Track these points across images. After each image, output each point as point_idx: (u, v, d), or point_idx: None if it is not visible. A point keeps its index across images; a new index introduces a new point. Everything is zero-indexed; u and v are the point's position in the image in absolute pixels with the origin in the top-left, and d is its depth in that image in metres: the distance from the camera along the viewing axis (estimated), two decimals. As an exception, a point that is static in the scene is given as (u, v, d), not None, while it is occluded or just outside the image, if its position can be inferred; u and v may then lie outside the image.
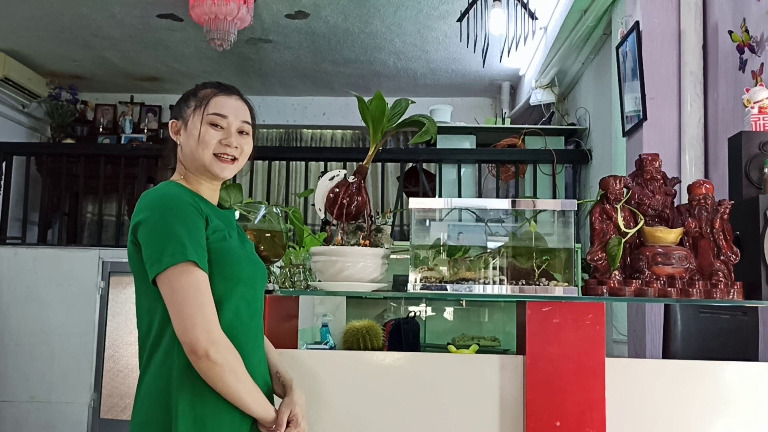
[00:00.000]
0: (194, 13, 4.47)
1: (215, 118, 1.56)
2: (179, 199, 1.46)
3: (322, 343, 3.37)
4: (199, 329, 1.36)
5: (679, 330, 2.42)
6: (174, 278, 1.38)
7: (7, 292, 5.06)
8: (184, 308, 1.37)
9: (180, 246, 1.39)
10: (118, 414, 4.97)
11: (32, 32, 5.68)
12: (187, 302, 1.37)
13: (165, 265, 1.38)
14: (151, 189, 1.51)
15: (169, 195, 1.47)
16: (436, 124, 1.95)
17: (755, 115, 2.15)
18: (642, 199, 1.84)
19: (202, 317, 1.37)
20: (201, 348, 1.36)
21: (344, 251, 1.78)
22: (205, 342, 1.36)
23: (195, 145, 1.55)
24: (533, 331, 1.73)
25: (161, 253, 1.39)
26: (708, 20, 3.29)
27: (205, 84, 1.63)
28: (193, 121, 1.57)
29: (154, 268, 1.40)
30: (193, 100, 1.59)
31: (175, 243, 1.39)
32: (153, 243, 1.41)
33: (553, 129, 5.55)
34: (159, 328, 1.45)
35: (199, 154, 1.55)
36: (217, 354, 1.37)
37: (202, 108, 1.57)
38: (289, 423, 1.49)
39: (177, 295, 1.38)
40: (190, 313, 1.37)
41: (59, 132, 6.86)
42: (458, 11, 4.35)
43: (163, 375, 1.43)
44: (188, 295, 1.38)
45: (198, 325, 1.36)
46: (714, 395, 1.77)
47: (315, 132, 7.53)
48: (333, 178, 1.89)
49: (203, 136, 1.55)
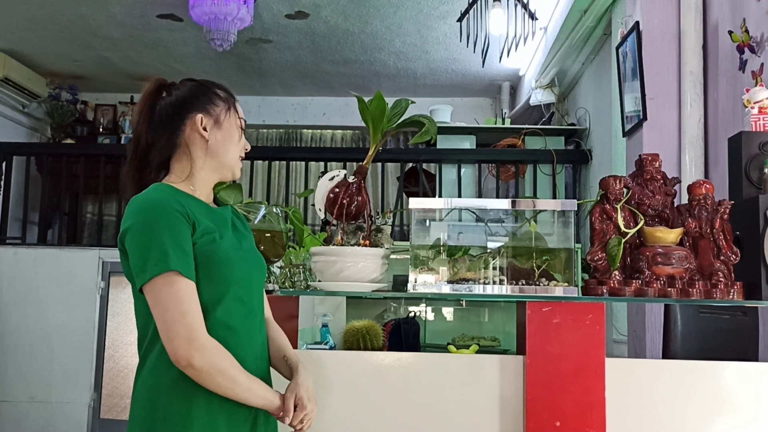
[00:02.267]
0: (194, 13, 4.47)
1: (242, 123, 1.62)
2: (165, 205, 1.44)
3: (322, 343, 3.36)
4: (179, 339, 1.36)
5: (679, 330, 2.41)
6: (156, 289, 1.38)
7: (7, 292, 5.06)
8: (165, 318, 1.38)
9: (163, 255, 1.38)
10: (118, 414, 4.98)
11: (32, 32, 5.68)
12: (168, 312, 1.37)
13: (149, 275, 1.38)
14: (140, 194, 1.48)
15: (155, 201, 1.45)
16: (436, 124, 1.95)
17: (755, 115, 2.15)
18: (642, 199, 1.84)
19: (183, 326, 1.37)
20: (183, 358, 1.36)
21: (344, 251, 1.78)
22: (185, 351, 1.36)
23: (229, 145, 1.58)
24: (533, 331, 1.73)
25: (145, 262, 1.39)
26: (708, 20, 3.29)
27: (216, 84, 1.63)
28: (229, 121, 1.58)
29: (139, 278, 1.40)
30: (218, 99, 1.59)
31: (158, 252, 1.39)
32: (137, 252, 1.41)
33: (553, 129, 5.55)
34: (153, 331, 1.45)
35: (231, 154, 1.58)
36: (201, 361, 1.37)
37: (234, 111, 1.60)
38: (295, 407, 1.48)
39: (159, 305, 1.39)
40: (171, 323, 1.37)
41: (59, 132, 6.86)
42: (458, 11, 4.35)
43: (156, 377, 1.43)
44: (170, 306, 1.38)
45: (178, 335, 1.36)
46: (714, 395, 1.77)
47: (315, 132, 7.52)
48: (333, 178, 1.89)
49: (236, 138, 1.60)
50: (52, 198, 6.30)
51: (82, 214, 6.79)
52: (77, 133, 7.00)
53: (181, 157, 1.56)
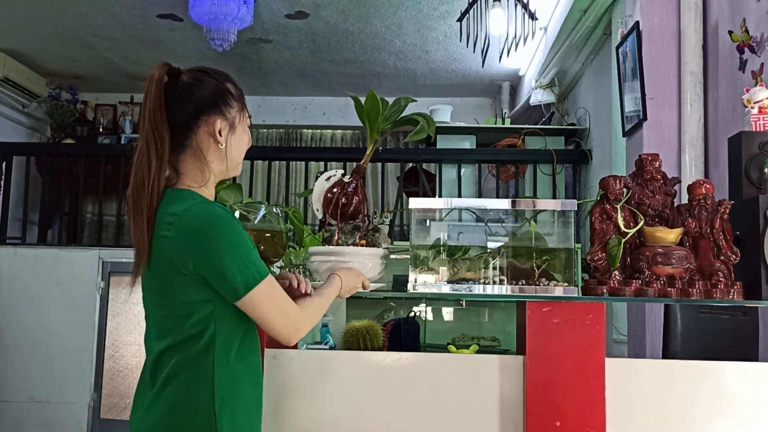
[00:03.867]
0: (194, 13, 4.47)
1: (249, 121, 1.59)
2: (230, 218, 1.44)
3: (322, 343, 3.36)
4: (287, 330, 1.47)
5: (679, 330, 2.41)
6: (260, 295, 1.43)
7: (7, 292, 5.06)
8: (275, 313, 1.45)
9: (254, 266, 1.43)
10: (118, 414, 4.97)
11: (32, 32, 5.68)
12: (277, 307, 1.46)
13: (252, 287, 1.42)
14: (190, 207, 1.43)
15: (218, 214, 1.43)
16: (434, 122, 1.94)
17: (755, 115, 2.14)
18: (642, 199, 1.84)
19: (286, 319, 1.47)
20: (293, 341, 1.48)
21: (340, 251, 1.78)
22: (296, 336, 1.48)
23: (239, 149, 1.55)
24: (533, 331, 1.73)
25: (245, 277, 1.41)
26: (708, 20, 3.29)
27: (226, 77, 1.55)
28: (242, 124, 1.55)
29: (238, 291, 1.41)
30: (233, 100, 1.53)
31: (250, 265, 1.42)
32: (229, 269, 1.40)
33: (553, 129, 5.55)
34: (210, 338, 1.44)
35: (237, 158, 1.56)
36: (305, 332, 1.50)
37: (244, 111, 1.56)
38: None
39: (265, 306, 1.44)
40: (280, 313, 1.46)
41: (59, 132, 6.86)
42: (458, 11, 4.35)
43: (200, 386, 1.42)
44: (276, 301, 1.46)
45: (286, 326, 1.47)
46: (714, 395, 1.77)
47: (315, 132, 7.52)
48: (330, 178, 1.88)
49: (247, 140, 1.58)
50: (52, 198, 6.30)
51: (82, 214, 6.79)
52: (77, 133, 7.00)
53: (189, 158, 1.50)
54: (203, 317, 1.43)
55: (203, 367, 1.42)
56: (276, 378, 1.76)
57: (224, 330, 1.44)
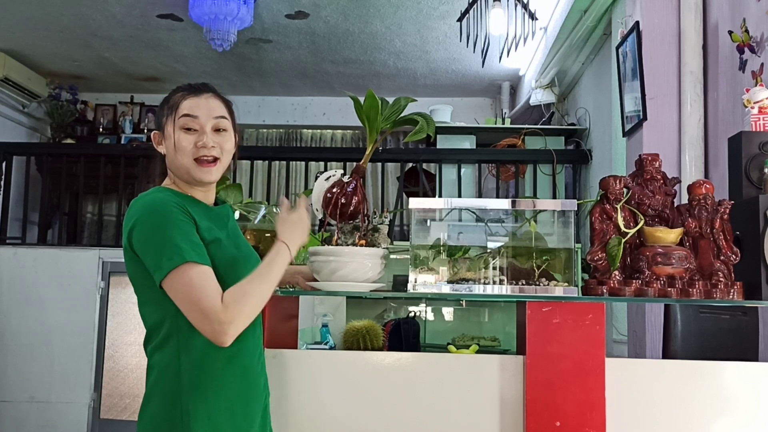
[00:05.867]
0: (194, 13, 4.47)
1: (186, 120, 1.55)
2: (167, 203, 1.47)
3: (322, 343, 3.37)
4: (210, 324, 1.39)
5: (679, 330, 2.41)
6: (176, 280, 1.40)
7: (7, 292, 5.06)
8: (190, 306, 1.39)
9: (176, 248, 1.41)
10: (118, 414, 4.97)
11: (32, 32, 5.68)
12: (191, 298, 1.39)
13: (166, 270, 1.40)
14: (140, 195, 1.52)
15: (156, 200, 1.48)
16: (434, 122, 1.94)
17: (755, 115, 2.14)
18: (642, 199, 1.84)
19: (211, 310, 1.38)
20: (220, 340, 1.39)
21: (339, 251, 1.78)
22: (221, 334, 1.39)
23: (174, 154, 1.55)
24: (533, 331, 1.73)
25: (160, 258, 1.41)
26: (708, 20, 3.29)
27: (177, 88, 1.61)
28: (168, 130, 1.56)
29: (157, 274, 1.42)
30: (165, 108, 1.59)
31: (171, 247, 1.41)
32: (151, 250, 1.43)
33: (553, 129, 5.54)
34: (169, 328, 1.47)
35: (179, 162, 1.55)
36: (236, 329, 1.40)
37: (173, 114, 1.56)
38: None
39: (181, 295, 1.40)
40: (195, 307, 1.39)
41: (59, 132, 6.86)
42: (458, 11, 4.35)
43: (170, 375, 1.46)
44: (191, 294, 1.39)
45: (208, 319, 1.39)
46: (714, 395, 1.77)
47: (315, 132, 7.52)
48: (329, 178, 1.88)
49: (178, 142, 1.54)
50: (52, 198, 6.30)
51: (82, 214, 6.79)
52: (77, 133, 7.00)
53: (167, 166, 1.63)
54: (160, 301, 1.46)
55: (169, 354, 1.46)
56: (276, 378, 1.76)
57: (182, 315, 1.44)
